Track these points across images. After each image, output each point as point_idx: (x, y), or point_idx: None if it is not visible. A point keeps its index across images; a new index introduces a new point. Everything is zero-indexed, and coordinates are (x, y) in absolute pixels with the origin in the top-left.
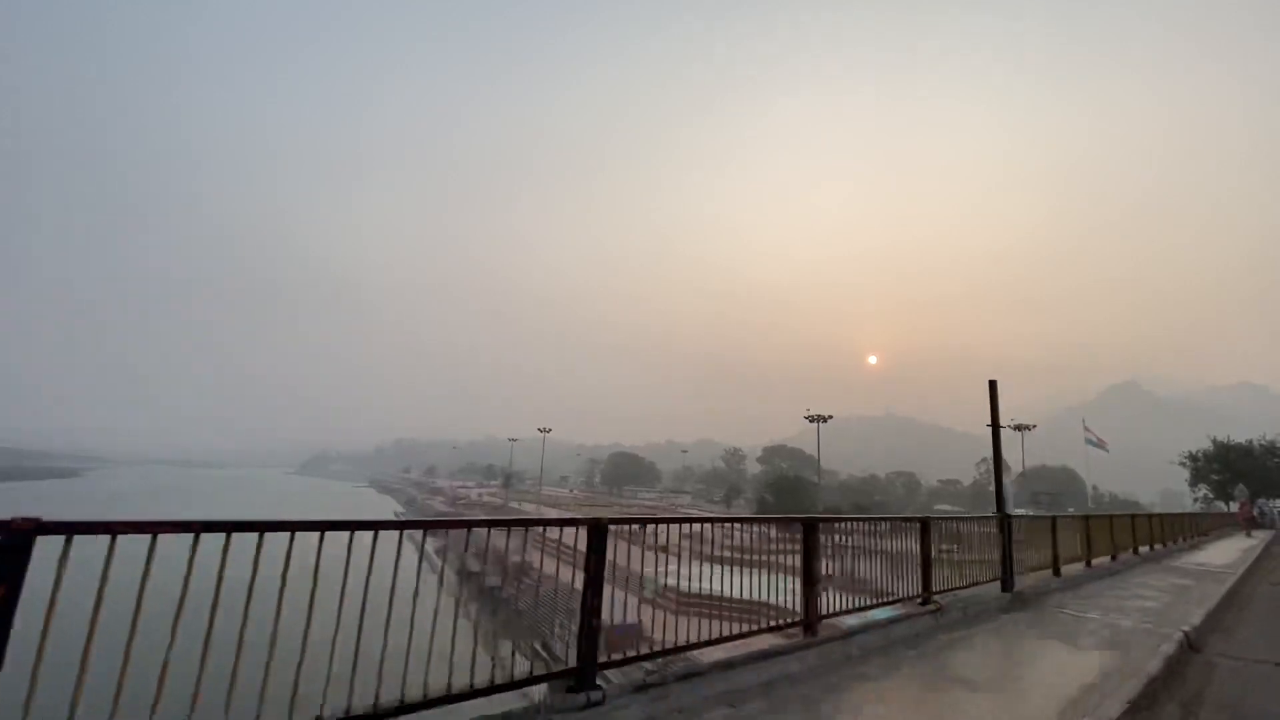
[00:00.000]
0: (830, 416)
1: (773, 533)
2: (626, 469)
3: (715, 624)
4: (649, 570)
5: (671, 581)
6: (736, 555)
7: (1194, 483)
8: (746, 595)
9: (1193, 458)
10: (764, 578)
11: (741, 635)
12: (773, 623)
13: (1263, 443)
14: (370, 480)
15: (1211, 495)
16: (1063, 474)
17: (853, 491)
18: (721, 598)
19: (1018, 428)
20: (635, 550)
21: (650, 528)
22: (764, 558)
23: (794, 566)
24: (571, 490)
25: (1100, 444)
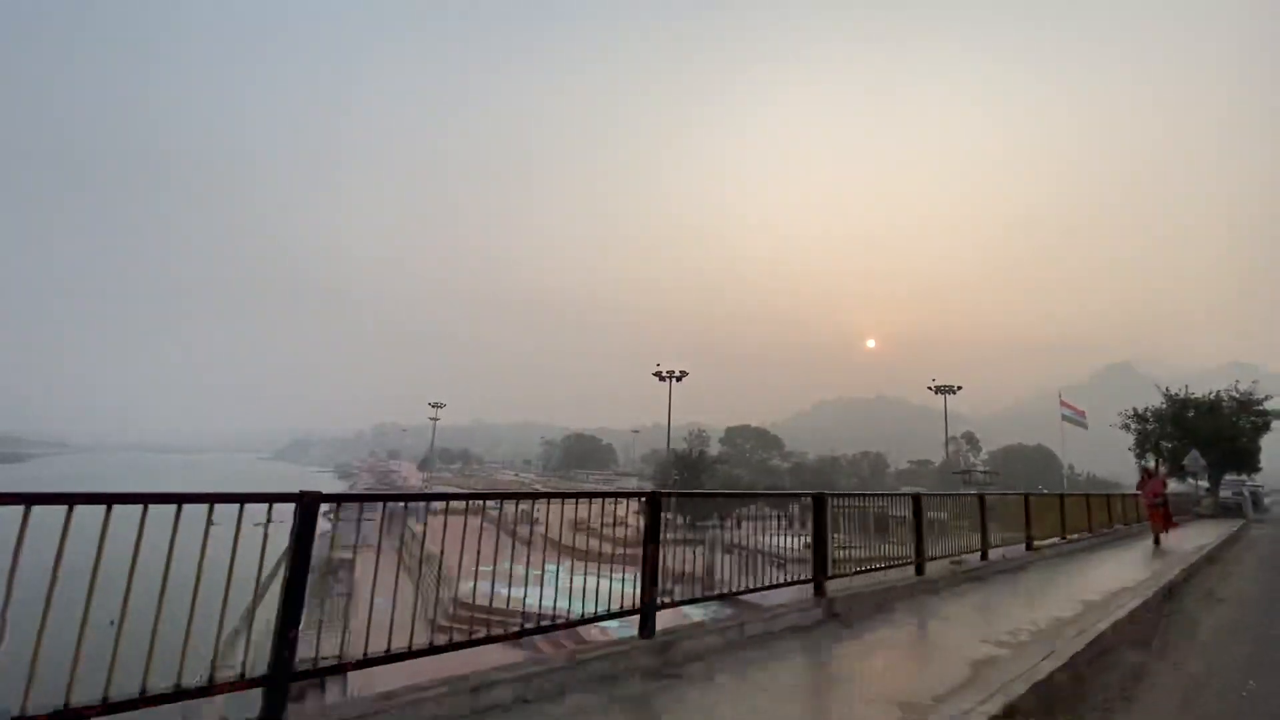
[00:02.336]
0: (683, 373)
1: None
2: (579, 452)
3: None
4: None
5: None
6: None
7: (1142, 451)
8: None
9: (1139, 417)
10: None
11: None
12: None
13: (1234, 394)
14: (336, 465)
15: (1163, 468)
16: (1038, 453)
17: (808, 471)
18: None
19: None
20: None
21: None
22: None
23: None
24: (516, 474)
25: (1078, 419)
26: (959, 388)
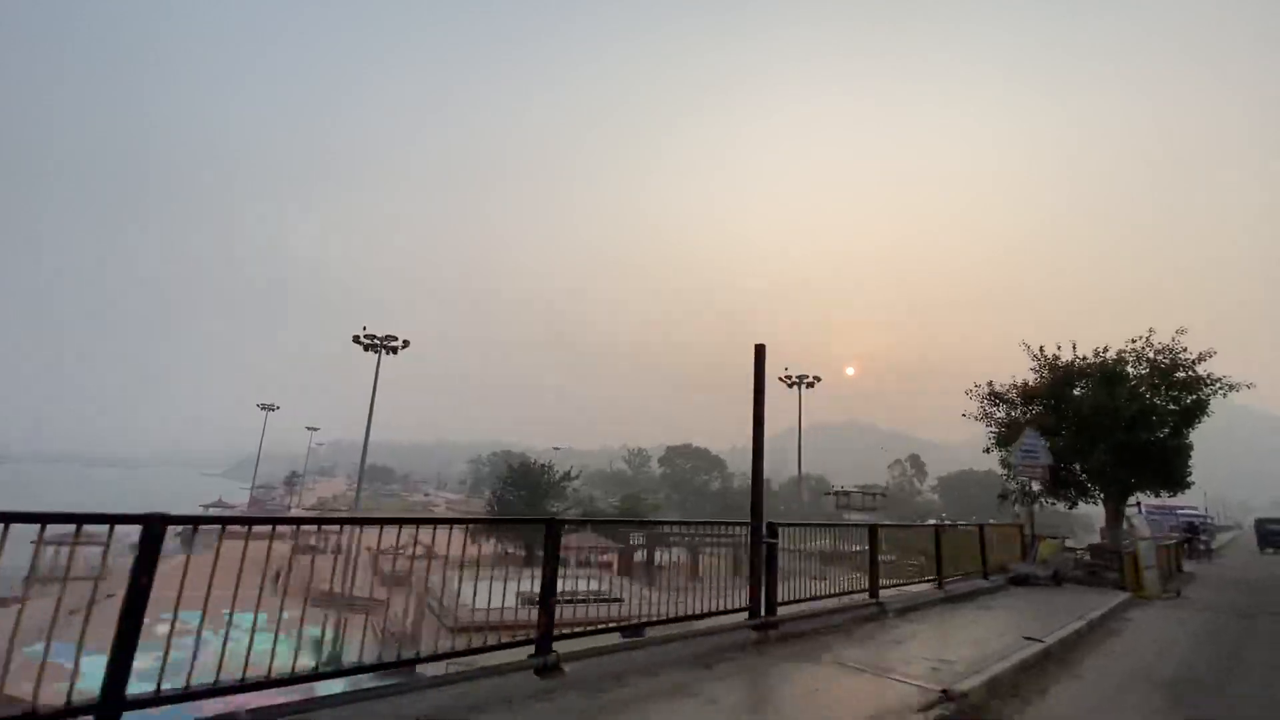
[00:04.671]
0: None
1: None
2: (498, 472)
3: None
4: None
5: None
6: None
7: (1003, 445)
8: None
9: (995, 396)
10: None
11: None
12: None
13: (1150, 353)
14: (260, 485)
15: (1034, 490)
16: (990, 479)
17: (740, 495)
18: None
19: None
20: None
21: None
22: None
23: None
24: (426, 494)
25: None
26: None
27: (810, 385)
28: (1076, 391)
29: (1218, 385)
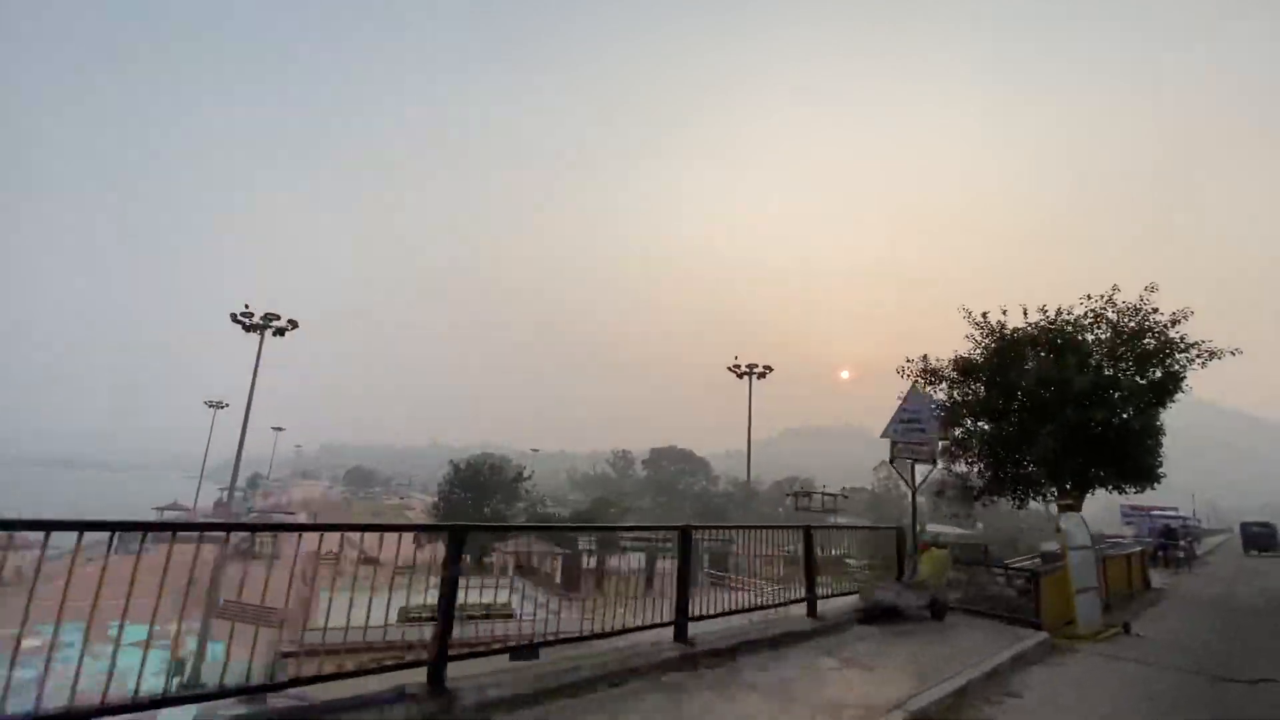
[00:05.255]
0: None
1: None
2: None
3: None
4: None
5: None
6: None
7: (952, 455)
8: None
9: (931, 373)
10: None
11: None
12: None
13: (1111, 313)
14: (241, 487)
15: (960, 482)
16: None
17: (723, 499)
18: None
19: None
20: None
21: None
22: None
23: None
24: (401, 499)
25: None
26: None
27: (761, 375)
28: (1029, 365)
29: (1194, 352)
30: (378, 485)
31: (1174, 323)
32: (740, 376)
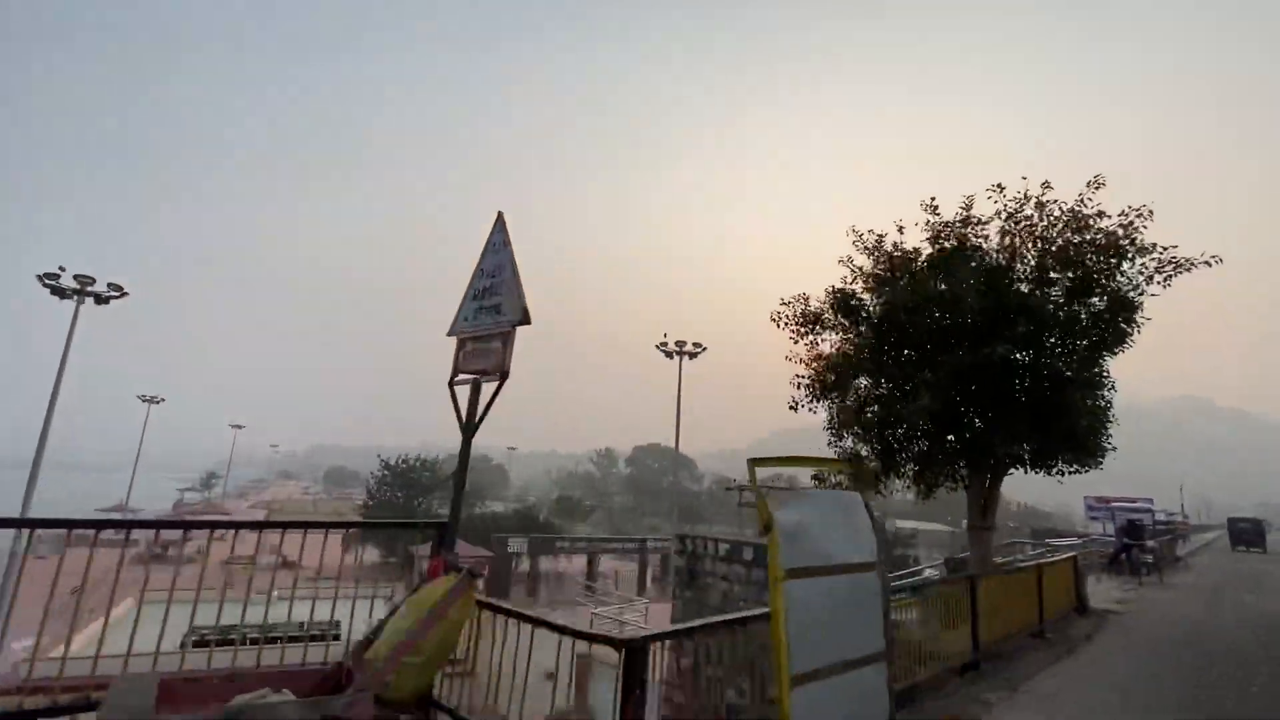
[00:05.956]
0: None
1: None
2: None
3: None
4: None
5: None
6: None
7: (821, 398)
8: None
9: (811, 319)
10: None
11: None
12: None
13: (1071, 219)
14: (233, 489)
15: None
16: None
17: (707, 498)
18: None
19: None
20: None
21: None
22: None
23: None
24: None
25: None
26: None
27: (692, 356)
28: (903, 283)
29: (1150, 258)
30: (357, 486)
31: (1127, 226)
32: (670, 356)
